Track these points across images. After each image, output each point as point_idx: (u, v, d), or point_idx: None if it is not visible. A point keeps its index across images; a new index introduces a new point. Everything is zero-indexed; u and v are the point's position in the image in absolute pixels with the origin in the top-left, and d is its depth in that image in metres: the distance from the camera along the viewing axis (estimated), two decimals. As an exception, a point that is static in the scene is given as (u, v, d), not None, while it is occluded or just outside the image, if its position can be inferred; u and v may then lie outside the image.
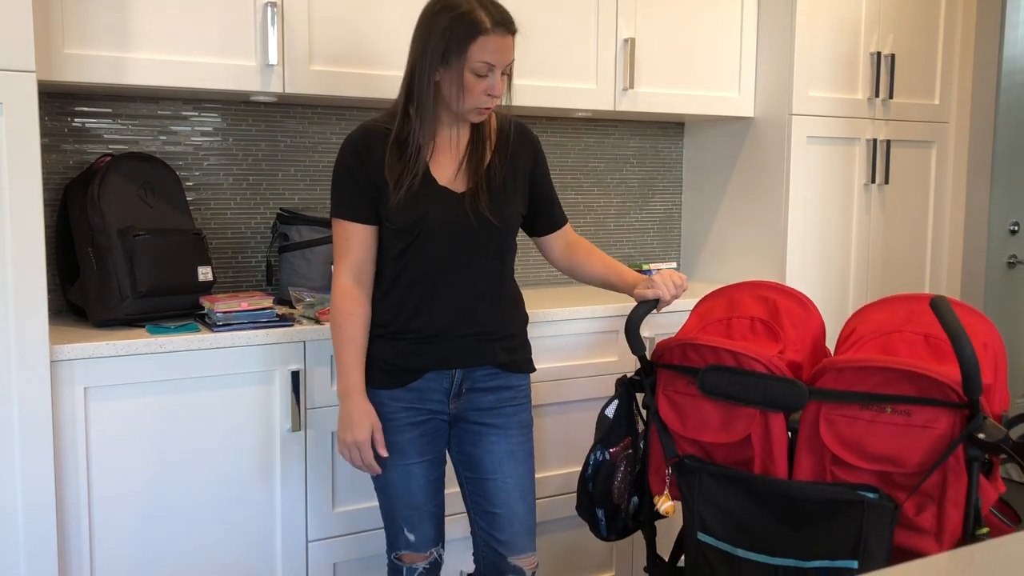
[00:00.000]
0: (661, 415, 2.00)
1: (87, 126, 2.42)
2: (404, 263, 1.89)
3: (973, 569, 0.98)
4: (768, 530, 1.80)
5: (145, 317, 2.18)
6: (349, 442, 1.87)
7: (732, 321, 2.02)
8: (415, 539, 1.96)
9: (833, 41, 3.01)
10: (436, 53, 1.80)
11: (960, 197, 3.42)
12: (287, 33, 2.29)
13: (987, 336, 1.84)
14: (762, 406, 1.84)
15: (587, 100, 2.75)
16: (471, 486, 1.98)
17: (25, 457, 1.90)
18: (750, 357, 1.86)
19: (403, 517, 1.95)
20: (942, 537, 1.70)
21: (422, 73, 1.82)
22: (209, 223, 2.58)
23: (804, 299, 2.02)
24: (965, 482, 1.68)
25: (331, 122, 2.71)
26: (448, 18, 1.78)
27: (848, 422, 1.77)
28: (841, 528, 1.73)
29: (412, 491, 1.93)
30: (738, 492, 1.84)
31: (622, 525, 2.10)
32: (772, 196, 3.02)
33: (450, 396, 1.93)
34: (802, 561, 1.76)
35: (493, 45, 1.79)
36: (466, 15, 1.77)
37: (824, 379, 1.81)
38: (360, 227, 1.88)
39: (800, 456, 1.83)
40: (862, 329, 1.93)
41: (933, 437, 1.69)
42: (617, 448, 2.03)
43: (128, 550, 2.06)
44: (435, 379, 1.91)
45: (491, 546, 1.97)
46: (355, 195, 1.87)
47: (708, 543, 1.88)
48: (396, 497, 1.94)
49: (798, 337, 1.95)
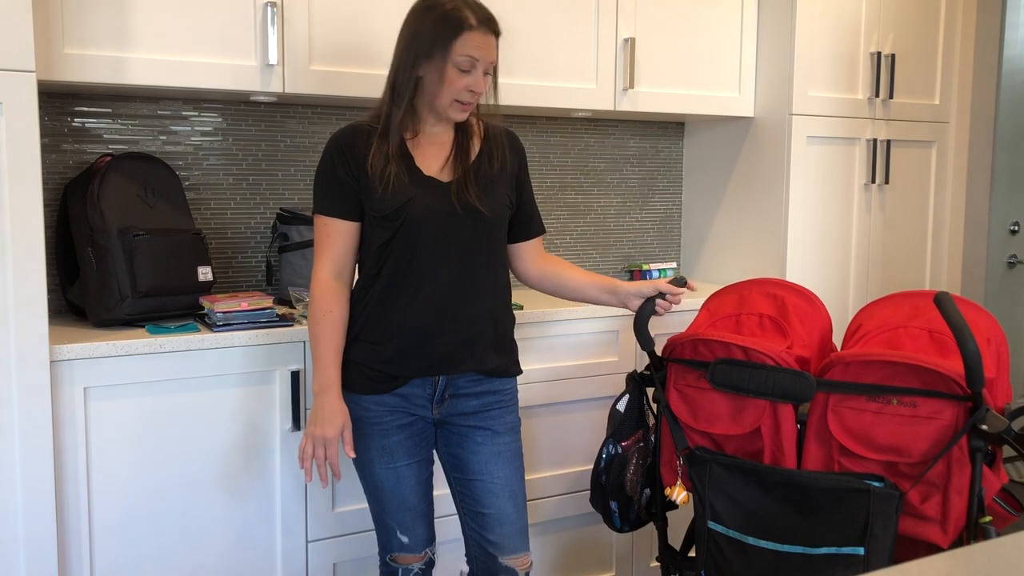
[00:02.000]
0: (672, 408, 2.04)
1: (87, 126, 2.42)
2: (388, 253, 1.86)
3: (973, 569, 0.98)
4: (777, 518, 1.85)
5: (145, 317, 2.18)
6: (317, 435, 1.84)
7: (741, 317, 2.07)
8: (409, 540, 1.96)
9: (833, 41, 3.01)
10: (421, 48, 1.83)
11: (960, 197, 3.42)
12: (287, 33, 2.29)
13: (990, 331, 1.89)
14: (772, 397, 1.89)
15: (587, 100, 2.75)
16: (459, 487, 1.98)
17: (25, 457, 1.90)
18: (759, 351, 1.90)
19: (396, 520, 1.95)
20: (947, 525, 1.76)
21: (406, 68, 1.85)
22: (209, 223, 2.58)
23: (812, 296, 2.06)
24: (969, 471, 1.74)
25: (331, 122, 2.71)
26: (435, 15, 1.82)
27: (855, 414, 1.82)
28: (848, 516, 1.78)
29: (404, 493, 1.93)
30: (748, 482, 1.89)
31: (635, 516, 2.14)
32: (772, 196, 3.01)
33: (433, 402, 1.92)
34: (810, 548, 1.81)
35: (477, 41, 1.82)
36: (452, 12, 1.82)
37: (832, 372, 1.86)
38: (341, 223, 1.88)
39: (809, 447, 1.88)
40: (868, 325, 1.99)
41: (938, 428, 1.75)
42: (628, 442, 2.07)
43: (128, 549, 2.06)
44: (419, 384, 1.90)
45: (482, 547, 1.97)
46: (337, 191, 1.88)
47: (719, 531, 1.93)
48: (387, 500, 1.93)
49: (806, 333, 2.00)
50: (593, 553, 2.70)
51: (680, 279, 2.00)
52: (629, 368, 2.66)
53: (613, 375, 2.65)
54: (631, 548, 2.75)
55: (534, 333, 2.49)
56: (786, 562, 1.84)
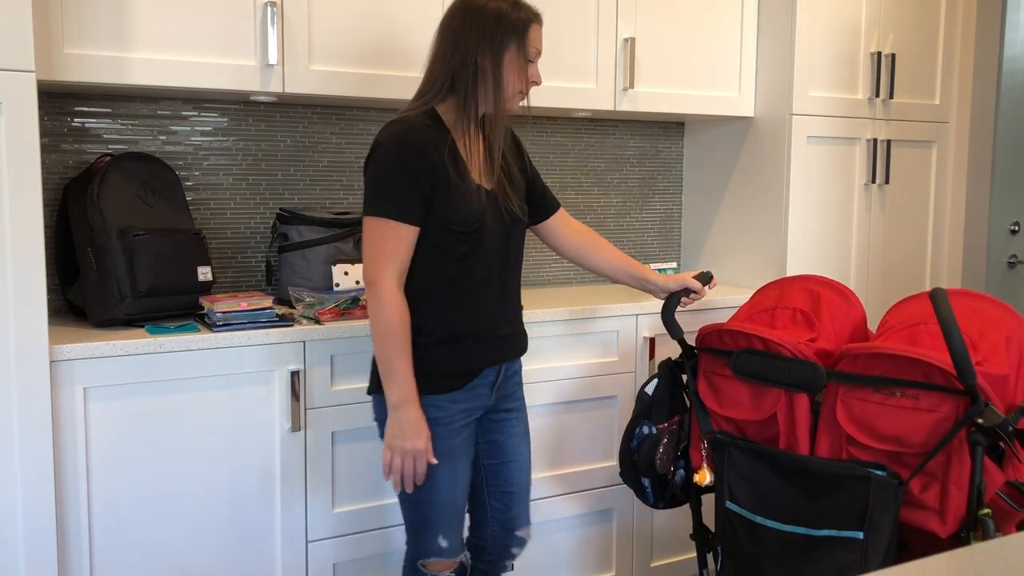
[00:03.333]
0: (700, 394, 2.18)
1: (87, 126, 2.42)
2: (467, 265, 1.88)
3: (974, 569, 0.98)
4: (786, 500, 1.96)
5: (145, 317, 2.18)
6: (408, 449, 1.83)
7: (777, 311, 2.20)
8: (448, 544, 1.95)
9: (833, 41, 3.01)
10: (485, 47, 1.85)
11: (960, 197, 3.42)
12: (287, 33, 2.29)
13: (1013, 329, 1.97)
14: (785, 386, 2.00)
15: (587, 100, 2.75)
16: (490, 471, 2.05)
17: (25, 457, 1.90)
18: (776, 343, 2.02)
19: (442, 523, 1.93)
20: (945, 515, 1.82)
21: (467, 65, 1.86)
22: (209, 223, 2.57)
23: (848, 292, 2.19)
24: (968, 464, 1.79)
25: (331, 122, 2.71)
26: (492, 14, 1.86)
27: (861, 404, 1.91)
28: (850, 501, 1.87)
29: (457, 494, 1.94)
30: (762, 465, 2.00)
31: (670, 495, 2.26)
32: (772, 196, 3.01)
33: (494, 388, 1.98)
34: (812, 530, 1.91)
35: (537, 34, 1.93)
36: (513, 9, 1.88)
37: (842, 364, 1.96)
38: (412, 230, 1.83)
39: (820, 435, 1.98)
40: (892, 320, 2.11)
41: (937, 420, 1.82)
42: (665, 424, 2.20)
43: (127, 550, 2.06)
44: (488, 374, 1.96)
45: (503, 524, 2.07)
46: (413, 196, 1.81)
47: (734, 511, 2.05)
48: (440, 503, 1.92)
49: (835, 327, 2.11)
50: (593, 553, 2.70)
51: (706, 274, 2.23)
52: (629, 368, 2.67)
53: (613, 375, 2.65)
54: (631, 548, 2.75)
55: (535, 333, 2.49)
56: (790, 542, 1.94)
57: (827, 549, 1.88)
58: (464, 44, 1.85)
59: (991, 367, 1.88)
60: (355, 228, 2.55)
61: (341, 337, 2.22)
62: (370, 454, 2.31)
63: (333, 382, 2.24)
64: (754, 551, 1.99)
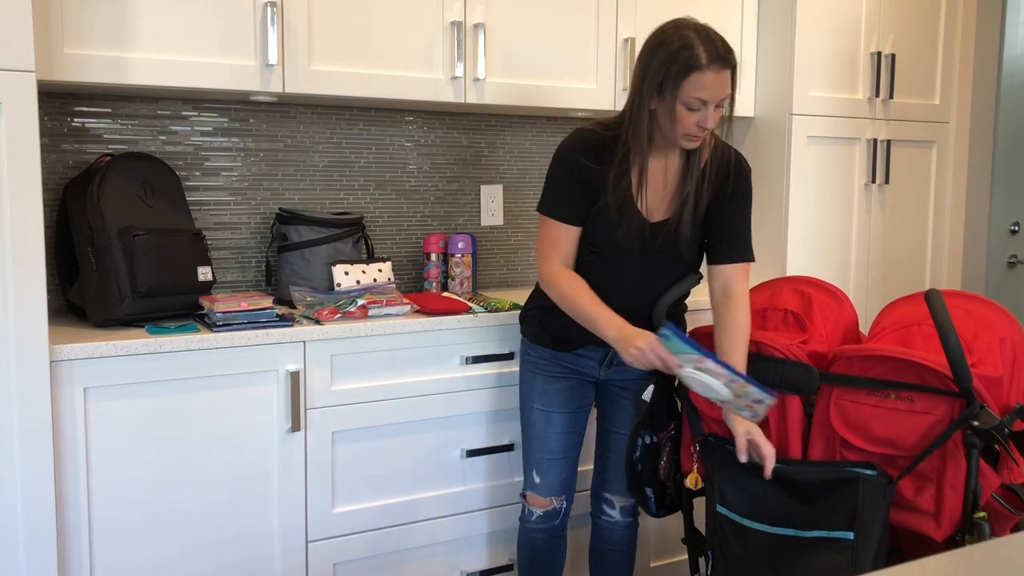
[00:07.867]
0: (691, 397, 2.14)
1: (87, 126, 2.42)
2: (587, 268, 2.06)
3: (973, 569, 0.98)
4: (777, 504, 1.94)
5: (145, 317, 2.18)
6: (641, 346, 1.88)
7: (768, 312, 2.20)
8: (540, 482, 2.19)
9: (833, 41, 3.01)
10: (653, 85, 1.89)
11: (960, 197, 3.42)
12: (287, 33, 2.29)
13: (1006, 330, 1.95)
14: (778, 388, 1.97)
15: (587, 100, 2.75)
16: (604, 436, 2.25)
17: (25, 457, 1.90)
18: (768, 344, 2.01)
19: (535, 459, 2.19)
20: (940, 518, 1.81)
21: (640, 102, 1.92)
22: (209, 223, 2.58)
23: (839, 293, 2.18)
24: (964, 467, 1.78)
25: (331, 122, 2.71)
26: (666, 52, 1.88)
27: (855, 407, 1.89)
28: (839, 502, 1.86)
29: (548, 436, 2.16)
30: (751, 468, 1.97)
31: (670, 501, 2.27)
32: (772, 196, 3.01)
33: (601, 365, 2.16)
34: (801, 531, 1.90)
35: (707, 81, 1.85)
36: (683, 50, 1.85)
37: (836, 366, 1.94)
38: (572, 228, 2.04)
39: (814, 438, 1.97)
40: (886, 322, 2.09)
41: (932, 422, 1.80)
42: (664, 432, 2.21)
43: (127, 550, 2.06)
44: (592, 352, 2.14)
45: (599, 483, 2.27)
46: (574, 200, 2.00)
47: (723, 514, 2.02)
48: (533, 438, 2.18)
49: (827, 329, 2.09)
50: (593, 553, 2.70)
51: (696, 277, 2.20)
52: (629, 368, 2.67)
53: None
54: (631, 548, 2.75)
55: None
56: (779, 544, 1.92)
57: (817, 550, 1.87)
58: (633, 81, 1.96)
59: (986, 369, 1.86)
60: (355, 228, 2.55)
61: (341, 337, 2.22)
62: (370, 454, 2.31)
63: (333, 382, 2.24)
64: (745, 555, 1.97)
